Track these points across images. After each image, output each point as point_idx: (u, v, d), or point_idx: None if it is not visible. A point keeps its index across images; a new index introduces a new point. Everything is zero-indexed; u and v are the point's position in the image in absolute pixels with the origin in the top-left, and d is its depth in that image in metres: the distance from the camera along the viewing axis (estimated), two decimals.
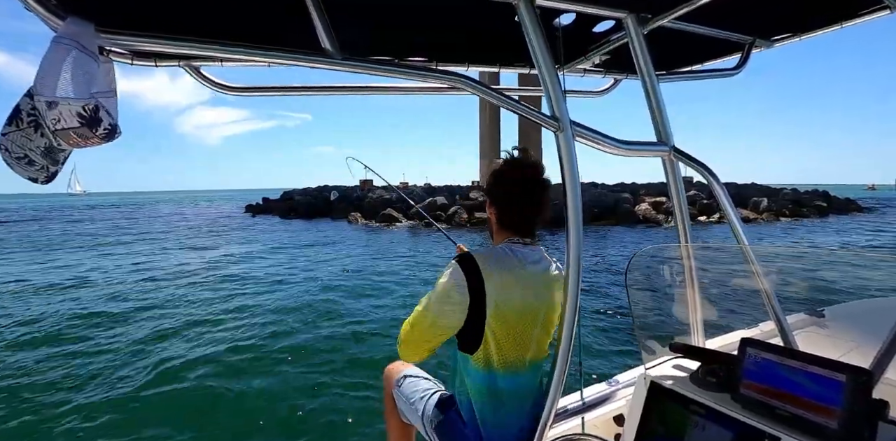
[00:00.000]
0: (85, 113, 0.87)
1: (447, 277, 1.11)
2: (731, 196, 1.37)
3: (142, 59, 1.24)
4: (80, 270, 10.58)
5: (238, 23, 1.23)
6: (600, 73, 1.88)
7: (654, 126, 1.39)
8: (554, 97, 1.13)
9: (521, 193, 1.18)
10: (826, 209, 27.09)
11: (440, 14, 1.32)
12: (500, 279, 1.10)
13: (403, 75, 1.15)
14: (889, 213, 28.22)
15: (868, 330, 1.48)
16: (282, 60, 1.06)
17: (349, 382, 4.14)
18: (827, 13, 1.47)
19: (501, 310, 1.10)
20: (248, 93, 1.42)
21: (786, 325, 1.34)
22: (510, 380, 1.15)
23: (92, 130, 0.90)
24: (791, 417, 0.87)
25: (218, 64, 1.33)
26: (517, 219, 1.21)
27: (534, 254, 1.19)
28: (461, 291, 1.08)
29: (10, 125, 0.91)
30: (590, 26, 1.49)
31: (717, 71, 1.82)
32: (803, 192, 31.41)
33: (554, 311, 1.19)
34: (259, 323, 6.13)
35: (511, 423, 1.18)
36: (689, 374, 1.17)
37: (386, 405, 1.54)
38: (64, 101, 0.84)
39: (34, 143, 0.92)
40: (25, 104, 0.89)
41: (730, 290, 1.54)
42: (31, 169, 0.95)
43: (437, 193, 27.41)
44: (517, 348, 1.14)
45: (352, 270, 10.34)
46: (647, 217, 22.40)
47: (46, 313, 6.70)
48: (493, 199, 1.23)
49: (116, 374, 4.42)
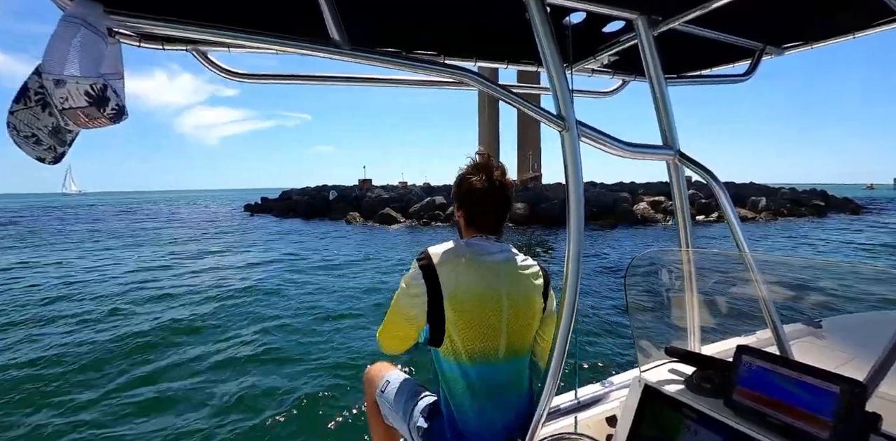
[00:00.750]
0: (93, 92, 0.86)
1: (408, 271, 1.21)
2: (730, 196, 1.37)
3: (149, 42, 1.23)
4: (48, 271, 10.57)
5: (247, 9, 1.22)
6: (608, 74, 1.86)
7: (661, 129, 1.38)
8: (561, 96, 1.12)
9: (483, 197, 1.24)
10: (824, 208, 27.23)
11: (450, 8, 1.31)
12: (453, 267, 1.17)
13: (410, 68, 1.14)
14: (886, 213, 28.26)
15: (865, 342, 1.48)
16: (289, 48, 1.05)
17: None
18: (840, 22, 1.45)
19: (456, 297, 1.14)
20: (254, 80, 1.41)
21: (782, 334, 1.34)
22: (483, 370, 1.17)
23: (100, 110, 0.89)
24: (783, 426, 0.87)
25: (225, 50, 1.32)
26: (482, 220, 1.27)
27: (494, 246, 1.24)
28: (418, 282, 1.17)
29: (18, 103, 0.90)
30: (600, 26, 1.48)
31: (726, 76, 1.80)
32: (801, 191, 31.56)
33: (521, 297, 1.21)
34: (235, 318, 6.20)
35: (493, 417, 1.19)
36: (683, 378, 1.17)
37: (369, 410, 1.55)
38: (72, 80, 0.83)
39: (42, 122, 0.92)
40: (34, 82, 0.88)
41: (728, 297, 1.54)
42: (38, 148, 0.94)
43: (435, 193, 27.40)
44: (483, 337, 1.17)
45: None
46: (645, 216, 22.44)
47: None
48: (460, 202, 1.29)
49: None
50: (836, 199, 30.24)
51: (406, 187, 36.37)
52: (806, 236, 16.58)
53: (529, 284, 1.23)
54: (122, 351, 5.00)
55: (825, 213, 26.54)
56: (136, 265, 11.12)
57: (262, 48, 1.19)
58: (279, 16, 1.27)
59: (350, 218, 25.03)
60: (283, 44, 1.03)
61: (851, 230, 18.66)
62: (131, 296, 7.71)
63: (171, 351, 4.99)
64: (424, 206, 24.22)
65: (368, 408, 1.54)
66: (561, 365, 1.11)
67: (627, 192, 26.69)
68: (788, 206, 25.82)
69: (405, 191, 32.27)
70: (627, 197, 24.64)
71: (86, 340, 5.30)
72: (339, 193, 31.71)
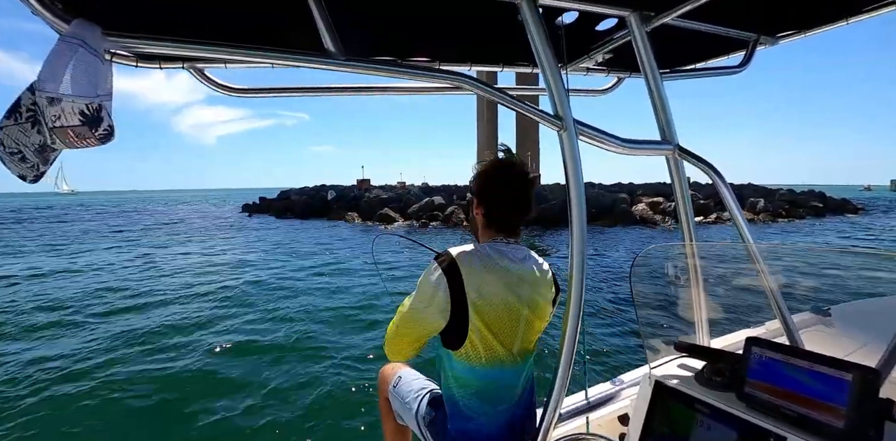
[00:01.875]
0: (88, 112, 0.87)
1: (427, 277, 1.11)
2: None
3: (146, 62, 1.24)
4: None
5: (241, 25, 1.24)
6: (603, 72, 1.87)
7: (658, 124, 1.39)
8: (557, 96, 1.13)
9: (508, 194, 1.17)
10: (822, 210, 27.22)
11: (443, 14, 1.31)
12: (482, 277, 1.10)
13: (406, 75, 1.14)
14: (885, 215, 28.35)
15: (875, 329, 1.47)
16: (285, 61, 1.06)
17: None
18: (832, 9, 1.45)
19: (484, 307, 1.09)
20: (251, 94, 1.43)
21: (791, 323, 1.33)
22: (495, 374, 1.15)
23: (91, 130, 0.89)
24: (797, 417, 0.87)
25: (221, 66, 1.33)
26: (504, 219, 1.20)
27: (518, 252, 1.19)
28: (442, 290, 1.08)
29: (9, 119, 0.90)
30: (592, 25, 1.48)
31: (722, 69, 1.80)
32: (799, 192, 31.60)
33: (537, 307, 1.18)
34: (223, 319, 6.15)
35: (501, 417, 1.18)
36: (694, 373, 1.17)
37: (381, 409, 1.54)
38: (68, 99, 0.84)
39: (29, 140, 0.91)
40: (27, 99, 0.88)
41: (735, 289, 1.54)
42: (22, 166, 0.94)
43: (434, 193, 27.40)
44: (501, 344, 1.13)
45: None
46: (644, 217, 22.45)
47: None
48: (481, 199, 1.21)
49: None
50: (834, 201, 30.33)
51: (405, 187, 36.34)
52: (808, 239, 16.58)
53: (546, 293, 1.20)
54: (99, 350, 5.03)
55: (824, 214, 26.59)
56: (114, 265, 11.10)
57: (257, 62, 1.20)
58: (274, 30, 1.28)
59: (348, 218, 25.02)
60: (278, 57, 1.04)
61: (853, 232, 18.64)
62: (107, 300, 7.68)
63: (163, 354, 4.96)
64: (423, 206, 24.21)
65: (381, 406, 1.54)
66: (570, 366, 1.11)
67: (626, 192, 26.75)
68: (787, 208, 25.80)
69: (404, 191, 32.27)
70: (626, 198, 24.65)
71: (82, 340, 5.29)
72: (337, 193, 31.70)
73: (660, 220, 21.98)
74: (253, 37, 1.24)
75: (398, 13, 1.28)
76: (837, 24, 1.50)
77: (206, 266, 10.97)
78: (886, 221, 23.94)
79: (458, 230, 20.53)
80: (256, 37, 1.27)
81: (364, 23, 1.31)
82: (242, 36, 1.22)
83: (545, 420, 1.13)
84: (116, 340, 5.43)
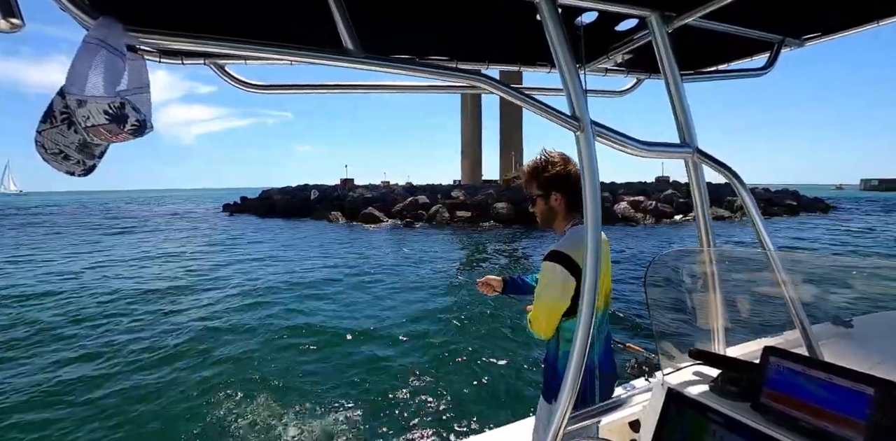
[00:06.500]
0: (111, 110, 0.90)
1: (557, 274, 1.39)
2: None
3: (169, 57, 1.26)
4: None
5: (262, 22, 1.24)
6: (622, 73, 1.84)
7: (678, 127, 1.37)
8: (575, 97, 1.11)
9: (578, 182, 1.25)
10: (797, 208, 27.85)
11: (461, 13, 1.31)
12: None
13: (424, 73, 1.14)
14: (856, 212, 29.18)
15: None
16: (304, 58, 1.06)
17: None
18: (862, 9, 1.40)
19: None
20: (270, 91, 1.44)
21: (811, 334, 1.30)
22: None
23: (120, 126, 0.93)
24: (814, 430, 0.85)
25: (242, 62, 1.34)
26: (579, 202, 1.30)
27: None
28: (571, 282, 1.37)
29: (45, 123, 0.95)
30: (612, 25, 1.46)
31: (745, 71, 1.76)
32: (774, 191, 32.42)
33: (609, 266, 1.60)
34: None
35: (601, 354, 1.47)
36: (708, 381, 1.15)
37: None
38: (91, 100, 0.88)
39: (69, 140, 0.96)
40: (58, 103, 0.93)
41: (753, 297, 1.52)
42: (67, 163, 0.99)
43: (418, 192, 27.31)
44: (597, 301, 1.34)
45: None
46: (626, 216, 22.84)
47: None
48: (561, 188, 1.50)
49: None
50: (807, 199, 31.13)
51: (389, 187, 36.13)
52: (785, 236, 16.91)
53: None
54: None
55: (797, 213, 27.27)
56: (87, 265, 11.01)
57: (277, 59, 1.20)
58: (293, 27, 1.28)
59: (332, 217, 24.75)
60: (297, 54, 1.04)
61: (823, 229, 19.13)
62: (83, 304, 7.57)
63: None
64: (408, 205, 24.12)
65: None
66: (581, 368, 1.09)
67: (608, 191, 27.09)
68: (762, 206, 26.49)
69: (388, 190, 32.08)
70: (608, 196, 25.00)
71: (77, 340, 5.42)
72: (320, 193, 31.34)
73: (641, 219, 22.39)
74: (272, 34, 1.23)
75: (417, 11, 1.27)
76: (868, 26, 1.46)
77: (174, 269, 10.80)
78: (862, 218, 24.60)
79: (445, 229, 20.44)
80: (276, 34, 1.27)
81: (383, 21, 1.31)
82: (262, 32, 1.21)
83: (554, 423, 1.12)
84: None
